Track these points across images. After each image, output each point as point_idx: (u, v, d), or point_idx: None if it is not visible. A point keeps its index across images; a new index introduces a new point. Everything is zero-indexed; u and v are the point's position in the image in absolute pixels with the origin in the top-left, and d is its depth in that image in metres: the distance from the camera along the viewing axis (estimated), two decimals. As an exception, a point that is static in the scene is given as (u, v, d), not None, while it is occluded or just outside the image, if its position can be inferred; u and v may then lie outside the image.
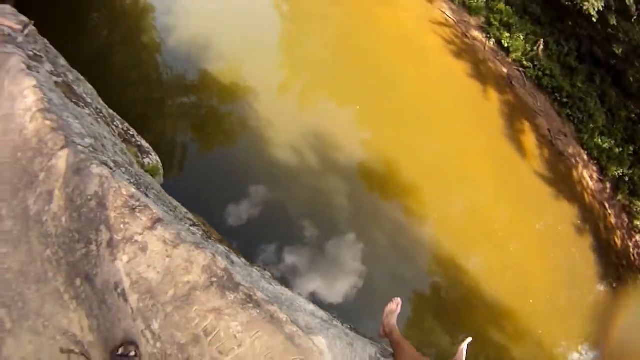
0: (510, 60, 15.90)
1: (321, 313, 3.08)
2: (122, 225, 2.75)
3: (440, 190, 11.72)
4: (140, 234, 2.72)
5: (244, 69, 11.85)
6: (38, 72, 4.47)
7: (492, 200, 12.32)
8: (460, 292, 10.43)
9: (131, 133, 5.40)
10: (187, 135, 10.66)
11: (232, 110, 11.20)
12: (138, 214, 2.80)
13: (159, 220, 2.80)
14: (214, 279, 2.59)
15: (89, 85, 5.37)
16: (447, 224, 11.09)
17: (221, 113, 11.26)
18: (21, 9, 6.52)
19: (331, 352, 2.73)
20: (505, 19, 16.20)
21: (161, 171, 5.71)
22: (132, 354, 2.49)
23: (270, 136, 10.54)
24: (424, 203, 11.13)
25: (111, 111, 5.37)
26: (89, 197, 2.90)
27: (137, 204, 2.86)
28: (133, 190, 2.94)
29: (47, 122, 3.38)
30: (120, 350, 2.50)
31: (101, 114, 4.92)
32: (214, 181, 9.38)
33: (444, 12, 16.44)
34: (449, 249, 10.67)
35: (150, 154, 5.53)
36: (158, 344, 2.50)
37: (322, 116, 11.76)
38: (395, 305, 3.59)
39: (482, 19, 16.54)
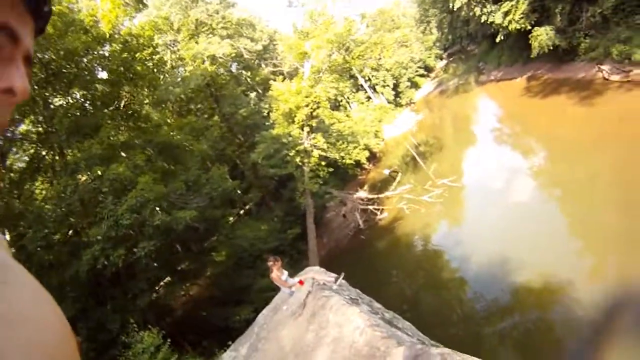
0: None
1: None
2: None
3: None
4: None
5: (546, 275, 11.37)
6: (358, 306, 4.97)
7: None
8: None
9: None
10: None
11: (552, 319, 10.48)
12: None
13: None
14: None
15: (407, 322, 5.92)
16: None
17: (543, 324, 10.54)
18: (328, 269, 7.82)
19: None
20: None
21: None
22: None
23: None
24: None
25: (433, 342, 5.61)
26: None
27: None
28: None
29: (378, 333, 3.80)
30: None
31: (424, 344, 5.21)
32: None
33: None
34: None
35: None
36: None
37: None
38: None
39: None
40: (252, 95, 33.82)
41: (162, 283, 17.99)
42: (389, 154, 33.09)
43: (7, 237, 14.29)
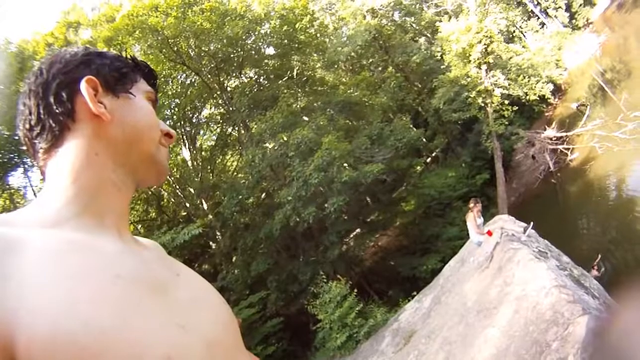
0: None
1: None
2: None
3: None
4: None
5: None
6: (546, 261, 4.55)
7: None
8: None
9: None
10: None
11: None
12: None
13: None
14: None
15: (594, 281, 5.34)
16: None
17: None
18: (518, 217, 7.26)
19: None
20: None
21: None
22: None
23: None
24: None
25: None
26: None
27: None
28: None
29: (564, 296, 3.44)
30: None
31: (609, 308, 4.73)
32: None
33: None
34: None
35: None
36: None
37: None
38: None
39: None
40: (421, 40, 32.31)
41: (352, 235, 19.03)
42: (574, 85, 28.71)
43: (205, 206, 16.76)
